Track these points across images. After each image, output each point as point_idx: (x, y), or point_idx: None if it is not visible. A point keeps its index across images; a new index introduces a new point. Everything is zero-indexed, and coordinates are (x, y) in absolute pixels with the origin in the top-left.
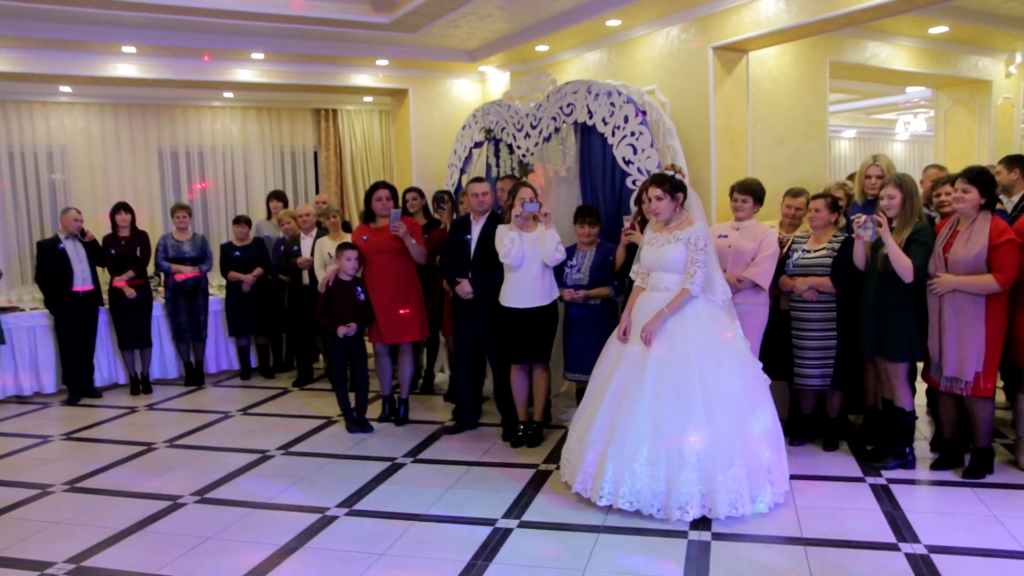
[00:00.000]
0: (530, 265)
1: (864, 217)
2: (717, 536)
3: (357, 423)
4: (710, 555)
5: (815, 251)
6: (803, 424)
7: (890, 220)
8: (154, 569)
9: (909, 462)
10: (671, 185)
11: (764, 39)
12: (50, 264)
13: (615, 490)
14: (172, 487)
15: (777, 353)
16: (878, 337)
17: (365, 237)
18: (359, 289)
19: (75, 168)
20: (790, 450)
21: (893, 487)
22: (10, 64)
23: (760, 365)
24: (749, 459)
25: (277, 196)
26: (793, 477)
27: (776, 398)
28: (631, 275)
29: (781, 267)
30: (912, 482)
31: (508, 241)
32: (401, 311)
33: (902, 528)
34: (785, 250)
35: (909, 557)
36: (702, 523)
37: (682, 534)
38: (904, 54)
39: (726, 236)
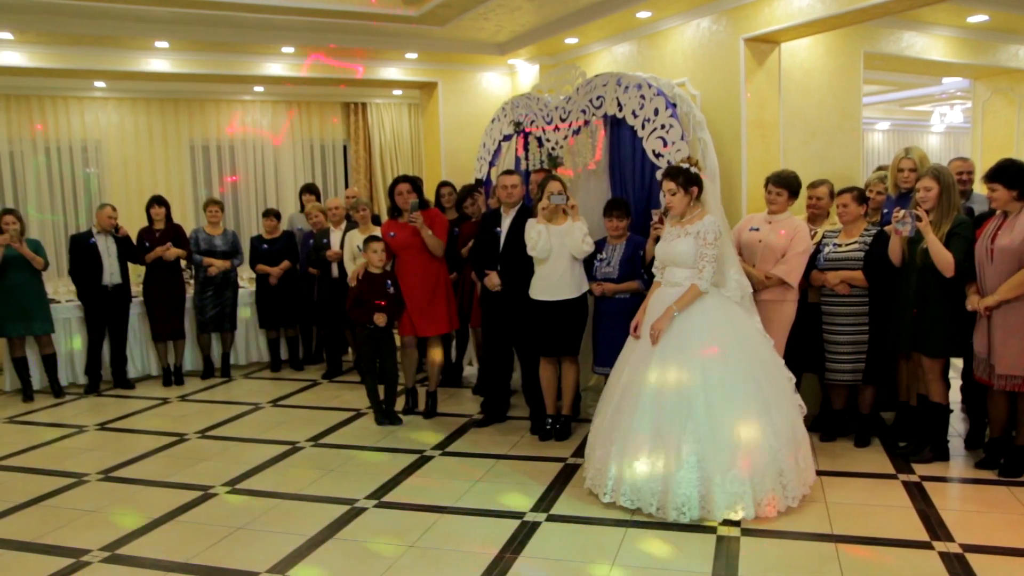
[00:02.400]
0: (558, 258)
1: (903, 211)
2: (747, 532)
3: (386, 415)
4: (740, 551)
5: (846, 245)
6: (834, 419)
7: (927, 213)
8: (186, 558)
9: (943, 456)
10: (685, 179)
11: (796, 30)
12: (81, 257)
13: (616, 487)
14: (204, 477)
15: (807, 347)
16: (917, 333)
17: (392, 233)
18: (388, 282)
19: (109, 162)
20: (820, 446)
21: (926, 484)
22: (47, 60)
23: (782, 363)
24: (755, 461)
25: (309, 189)
26: (824, 473)
27: (807, 393)
28: (653, 270)
29: (812, 261)
30: (945, 479)
31: (535, 234)
32: (430, 304)
33: (936, 526)
34: (815, 244)
35: (943, 556)
36: (732, 520)
37: (711, 529)
38: (941, 44)
39: (758, 229)
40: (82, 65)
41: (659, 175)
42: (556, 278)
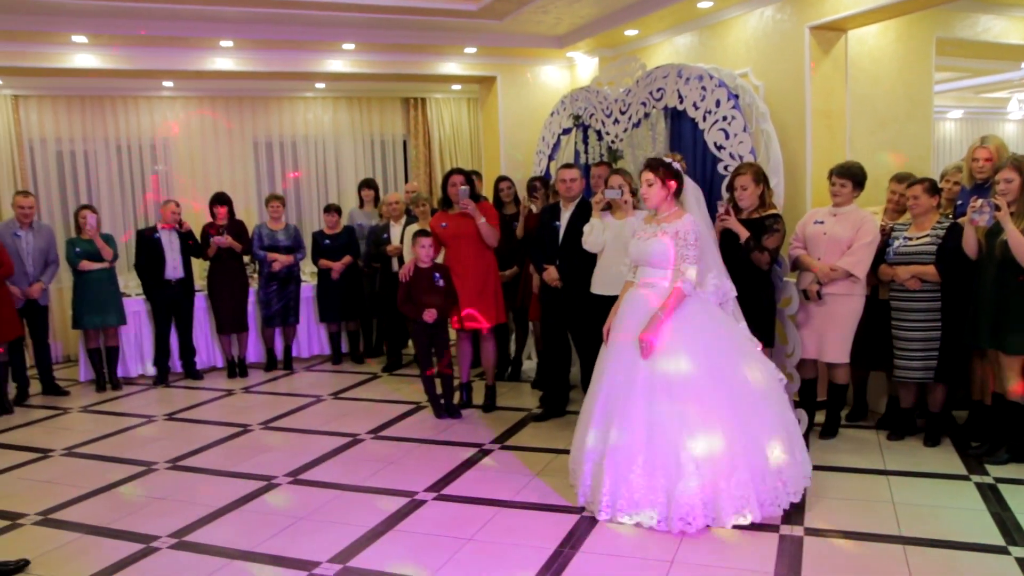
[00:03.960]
0: (615, 252)
1: (981, 201)
2: (810, 531)
3: (445, 409)
4: (803, 550)
5: (918, 238)
6: (902, 418)
7: (1007, 204)
8: (250, 546)
9: (1020, 458)
10: (665, 171)
11: (865, 16)
12: (146, 252)
13: (613, 503)
14: (267, 468)
15: (875, 344)
16: (995, 329)
17: (444, 224)
18: (437, 275)
19: (176, 159)
20: (888, 444)
21: (1001, 487)
22: (119, 61)
23: (772, 365)
24: (754, 462)
25: (368, 184)
26: (891, 473)
27: (874, 391)
28: (622, 267)
29: (881, 255)
30: (1022, 482)
31: (587, 227)
32: (478, 296)
33: (1012, 530)
34: (885, 237)
35: (1020, 562)
36: (795, 517)
37: (773, 528)
38: (1021, 27)
39: (822, 222)
40: (152, 66)
41: (723, 169)
42: (614, 272)
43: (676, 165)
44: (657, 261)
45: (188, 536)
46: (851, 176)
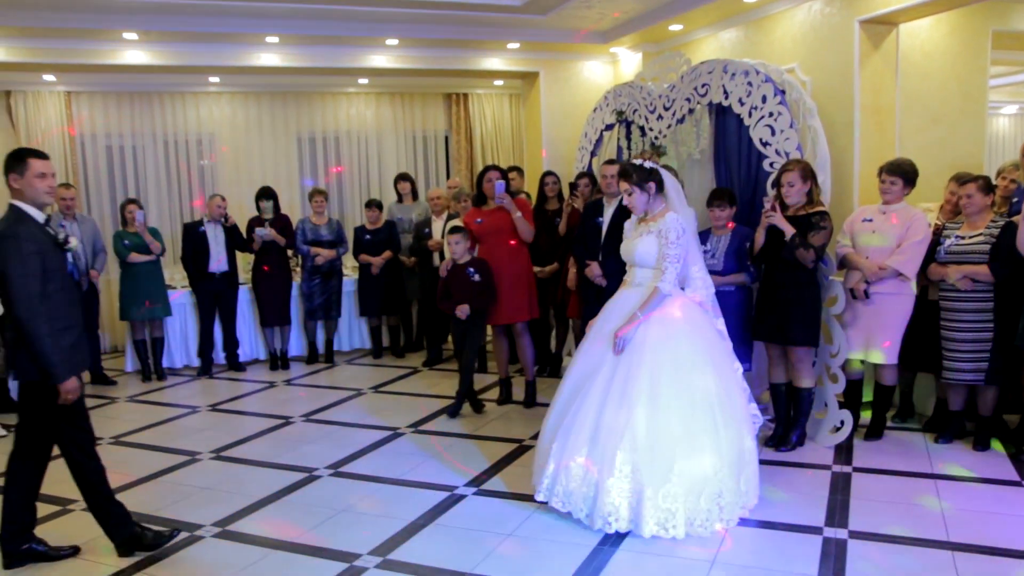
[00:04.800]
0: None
1: None
2: (855, 535)
3: (454, 407)
4: (847, 555)
5: (970, 237)
6: (951, 421)
7: None
8: (292, 537)
9: None
10: (638, 176)
11: (918, 9)
12: (191, 245)
13: (552, 487)
14: (308, 460)
15: (924, 345)
16: None
17: (479, 220)
18: (471, 270)
19: (221, 154)
20: (934, 448)
21: None
22: (167, 57)
23: (738, 373)
24: (694, 477)
25: (404, 178)
26: (939, 477)
27: (921, 393)
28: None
29: (931, 254)
30: None
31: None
32: (512, 292)
33: None
34: (936, 236)
35: None
36: (840, 521)
37: (817, 530)
38: None
39: (871, 220)
40: (199, 61)
41: (768, 166)
42: None
43: (648, 164)
44: (644, 260)
45: (231, 525)
46: (901, 173)
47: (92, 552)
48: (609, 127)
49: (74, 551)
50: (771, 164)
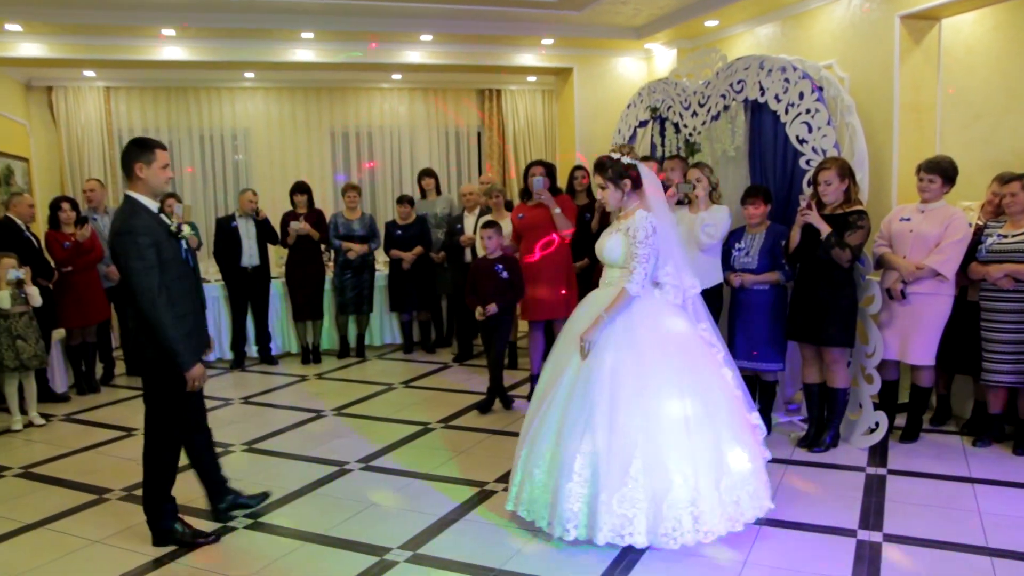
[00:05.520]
0: (687, 246)
1: None
2: (889, 538)
3: (484, 403)
4: (881, 559)
5: (1013, 236)
6: (989, 424)
7: None
8: (323, 530)
9: None
10: (615, 171)
11: (961, 4)
12: (224, 239)
13: (518, 495)
14: (339, 453)
15: (962, 346)
16: None
17: (521, 215)
18: (499, 266)
19: (256, 149)
20: (973, 451)
21: None
22: (204, 53)
23: (724, 378)
24: (655, 486)
25: (428, 174)
26: (978, 481)
27: (959, 395)
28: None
29: (972, 253)
30: None
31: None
32: (550, 288)
33: None
34: (977, 235)
35: None
36: (874, 524)
37: (851, 532)
38: None
39: (909, 219)
40: (235, 57)
41: (804, 163)
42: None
43: (625, 159)
44: (611, 259)
45: (263, 517)
46: (941, 171)
47: (127, 540)
48: (643, 124)
49: (265, 496)
50: (807, 162)
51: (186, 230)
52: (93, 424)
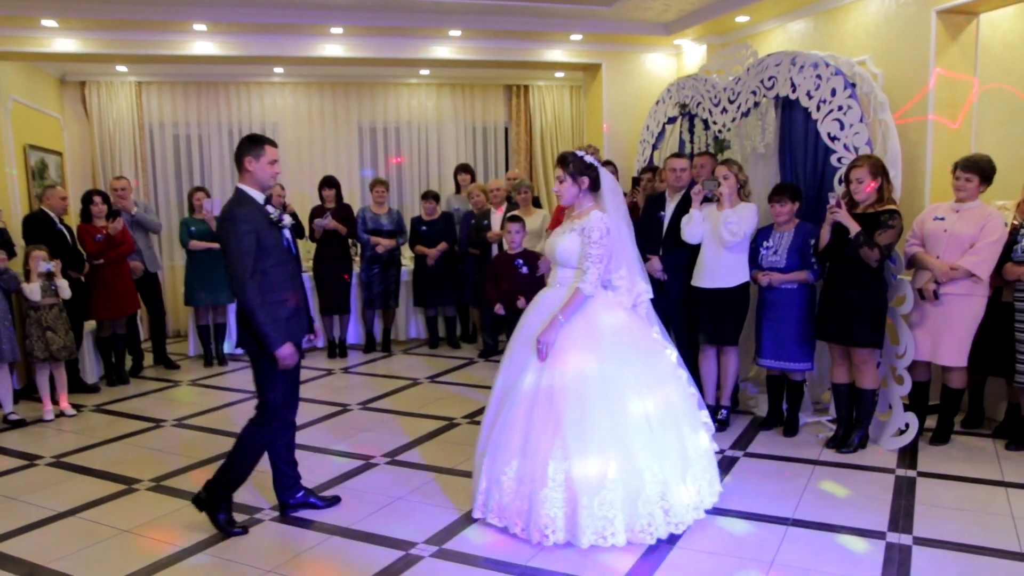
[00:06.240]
0: (710, 245)
1: None
2: (919, 541)
3: None
4: (911, 562)
5: None
6: (1023, 427)
7: None
8: (349, 523)
9: None
10: (576, 166)
11: None
12: None
13: (486, 502)
14: (365, 447)
15: (996, 348)
16: None
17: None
18: (520, 261)
19: (284, 143)
20: (1006, 454)
21: None
22: (234, 48)
23: (681, 377)
24: (629, 484)
25: (465, 169)
26: (1009, 484)
27: (992, 398)
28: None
29: (1007, 254)
30: None
31: (686, 218)
32: None
33: None
34: (1012, 235)
35: None
36: (903, 526)
37: (880, 535)
38: None
39: (943, 219)
40: (265, 52)
41: (836, 161)
42: (709, 265)
43: (589, 158)
44: (565, 259)
45: (290, 510)
46: (978, 170)
47: (156, 530)
48: (672, 120)
49: (336, 500)
50: (839, 159)
51: (287, 220)
52: (123, 415)
